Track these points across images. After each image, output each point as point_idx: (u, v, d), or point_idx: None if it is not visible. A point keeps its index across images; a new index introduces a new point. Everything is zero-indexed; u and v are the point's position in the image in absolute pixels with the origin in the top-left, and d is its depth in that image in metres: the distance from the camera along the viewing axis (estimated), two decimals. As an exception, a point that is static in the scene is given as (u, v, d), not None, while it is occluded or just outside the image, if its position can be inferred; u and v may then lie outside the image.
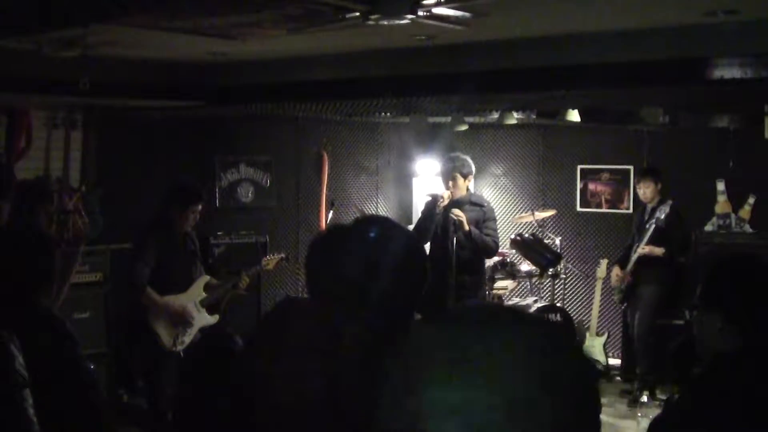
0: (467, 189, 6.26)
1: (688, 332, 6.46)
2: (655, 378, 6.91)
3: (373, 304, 1.71)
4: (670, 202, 6.85)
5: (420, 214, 6.46)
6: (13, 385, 2.34)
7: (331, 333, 1.65)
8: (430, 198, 6.29)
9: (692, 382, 2.24)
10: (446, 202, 6.07)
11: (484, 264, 6.48)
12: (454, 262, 5.86)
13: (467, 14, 4.03)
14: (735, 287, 2.22)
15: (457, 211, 5.95)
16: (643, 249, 6.86)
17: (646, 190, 7.11)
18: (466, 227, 5.95)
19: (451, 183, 6.18)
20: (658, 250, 6.81)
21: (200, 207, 5.48)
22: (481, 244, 6.05)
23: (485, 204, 6.33)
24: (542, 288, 8.80)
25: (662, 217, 6.78)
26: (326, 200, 8.83)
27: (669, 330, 6.69)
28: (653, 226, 6.83)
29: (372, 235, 1.81)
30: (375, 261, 1.75)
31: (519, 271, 8.03)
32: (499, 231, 6.43)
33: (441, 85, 5.97)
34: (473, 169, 6.35)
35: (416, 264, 1.84)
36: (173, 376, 5.16)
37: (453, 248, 5.88)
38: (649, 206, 7.10)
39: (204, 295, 5.53)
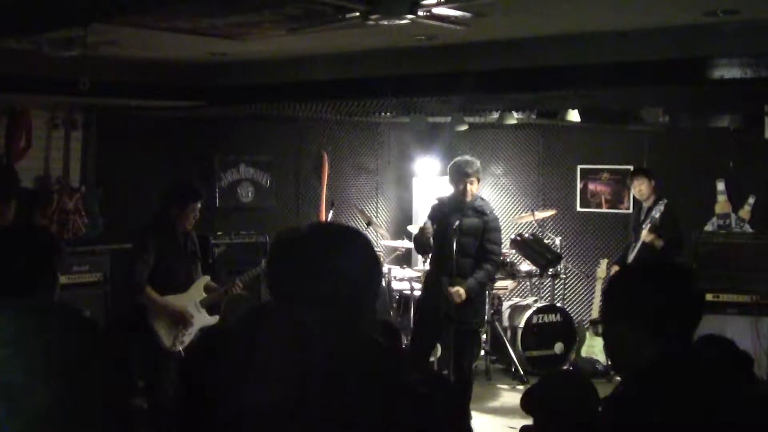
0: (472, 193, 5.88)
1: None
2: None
3: (342, 307, 1.76)
4: (665, 200, 6.85)
5: (415, 234, 6.24)
6: None
7: (302, 337, 1.66)
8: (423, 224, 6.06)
9: (616, 399, 2.11)
10: (431, 231, 5.79)
11: None
12: (454, 267, 5.73)
13: (467, 14, 4.03)
14: (652, 297, 2.11)
15: (460, 291, 5.64)
16: (647, 236, 6.85)
17: (641, 188, 7.12)
18: (461, 299, 5.64)
19: (462, 187, 5.79)
20: (658, 242, 6.82)
21: (199, 206, 5.46)
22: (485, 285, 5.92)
23: (488, 213, 5.86)
24: (542, 288, 8.80)
25: (657, 216, 6.79)
26: (326, 200, 8.83)
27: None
28: (649, 224, 6.85)
29: (335, 239, 1.88)
30: (340, 264, 1.81)
31: (519, 271, 8.03)
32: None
33: (441, 85, 5.97)
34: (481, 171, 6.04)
35: (375, 264, 1.91)
36: (173, 376, 5.16)
37: (453, 253, 5.73)
38: (645, 205, 7.10)
39: (204, 295, 5.53)
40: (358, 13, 3.86)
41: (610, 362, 2.34)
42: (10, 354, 0.95)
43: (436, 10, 3.90)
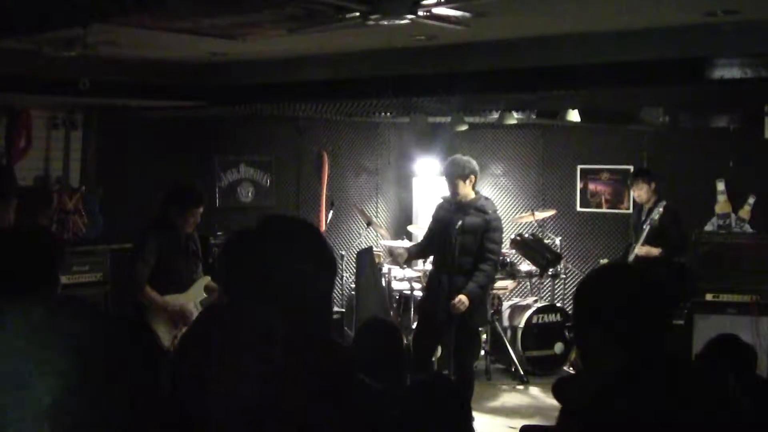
0: (475, 191, 5.97)
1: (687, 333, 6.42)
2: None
3: (299, 305, 1.75)
4: (664, 202, 6.85)
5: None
6: None
7: (263, 336, 1.65)
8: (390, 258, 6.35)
9: (600, 400, 2.07)
10: (405, 257, 6.16)
11: None
12: (455, 265, 5.74)
13: (467, 14, 4.03)
14: (618, 303, 2.10)
15: (463, 299, 5.66)
16: (640, 249, 6.86)
17: (640, 192, 7.13)
18: (465, 306, 5.65)
19: (452, 188, 5.92)
20: (655, 251, 6.80)
21: (201, 209, 5.45)
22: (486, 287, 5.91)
23: (489, 212, 5.88)
24: (542, 288, 8.80)
25: (656, 217, 6.78)
26: (326, 200, 8.83)
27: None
28: (648, 226, 6.85)
29: (294, 236, 1.84)
30: (295, 262, 1.78)
31: (519, 271, 8.03)
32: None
33: (441, 85, 5.97)
34: (475, 168, 6.01)
35: (331, 260, 1.87)
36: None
37: (455, 252, 5.74)
38: (646, 206, 7.11)
39: (204, 295, 5.53)
40: (358, 13, 3.86)
41: (582, 365, 2.31)
42: (18, 348, 0.97)
43: (436, 10, 3.90)
